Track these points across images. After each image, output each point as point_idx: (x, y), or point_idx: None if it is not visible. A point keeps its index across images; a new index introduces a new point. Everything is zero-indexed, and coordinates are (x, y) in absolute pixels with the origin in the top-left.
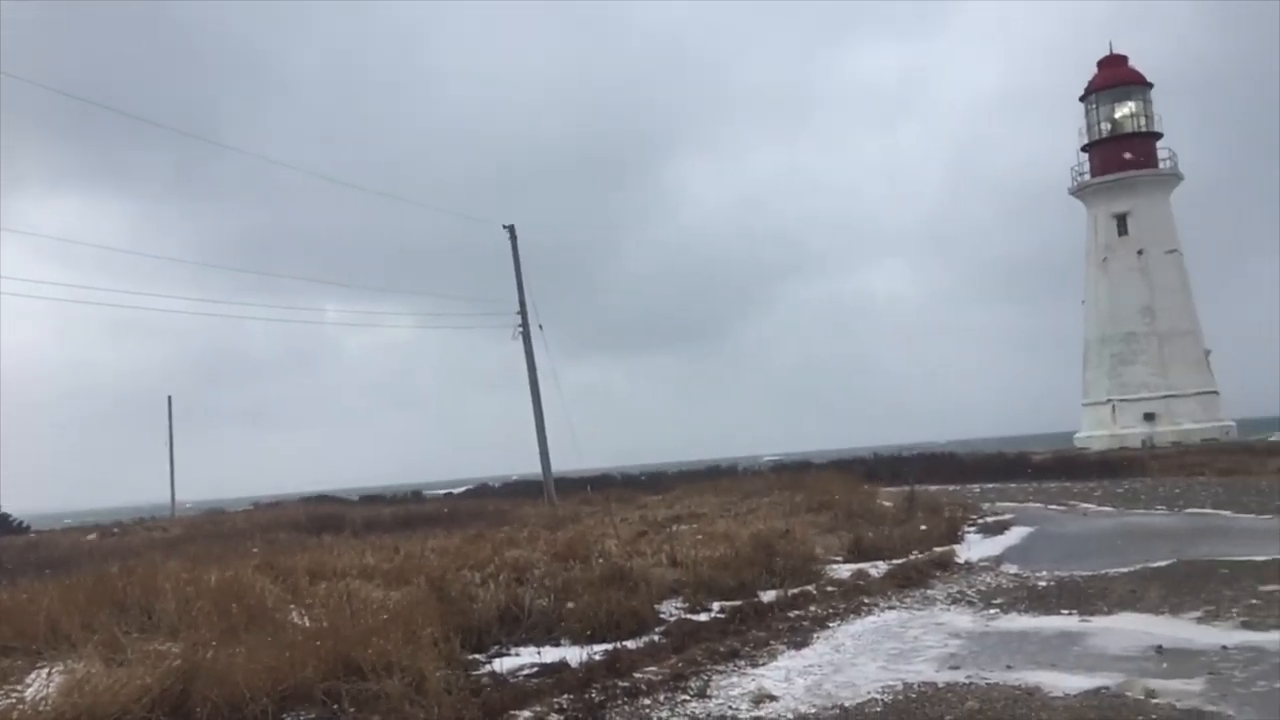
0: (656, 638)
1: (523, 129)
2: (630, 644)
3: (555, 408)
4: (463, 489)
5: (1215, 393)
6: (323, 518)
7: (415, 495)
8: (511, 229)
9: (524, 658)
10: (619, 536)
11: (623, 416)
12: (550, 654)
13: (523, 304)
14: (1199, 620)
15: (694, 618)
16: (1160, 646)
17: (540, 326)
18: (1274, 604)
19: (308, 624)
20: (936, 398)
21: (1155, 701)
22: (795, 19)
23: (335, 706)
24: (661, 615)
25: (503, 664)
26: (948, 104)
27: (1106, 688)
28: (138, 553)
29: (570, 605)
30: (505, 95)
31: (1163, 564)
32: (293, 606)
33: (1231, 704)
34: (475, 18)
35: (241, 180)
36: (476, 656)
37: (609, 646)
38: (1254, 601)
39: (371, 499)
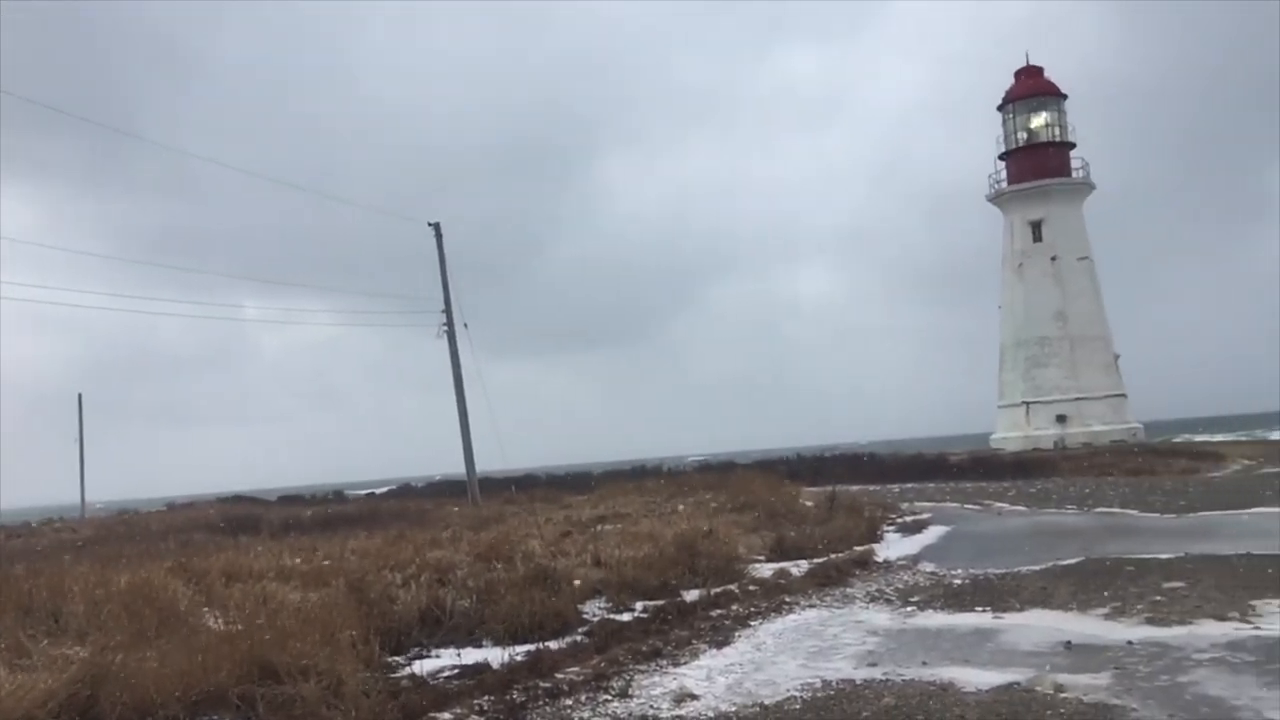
0: (579, 638)
1: (449, 126)
2: (553, 644)
3: (480, 407)
4: (385, 489)
5: (1124, 395)
6: (239, 518)
7: (336, 495)
8: (437, 227)
9: (445, 659)
10: (543, 537)
11: (548, 416)
12: (472, 655)
13: (447, 302)
14: (1106, 616)
15: (617, 618)
16: (1069, 642)
17: (465, 325)
18: (1177, 600)
19: (222, 627)
20: (860, 398)
21: (1063, 696)
22: (722, 20)
23: (249, 711)
24: (585, 615)
25: (423, 666)
26: (873, 108)
27: (1017, 683)
28: (45, 554)
29: (493, 606)
30: (431, 91)
31: (1072, 562)
32: (206, 609)
33: (1135, 698)
34: (400, 13)
35: (159, 174)
36: (396, 659)
37: (531, 647)
38: (1158, 598)
39: (291, 499)
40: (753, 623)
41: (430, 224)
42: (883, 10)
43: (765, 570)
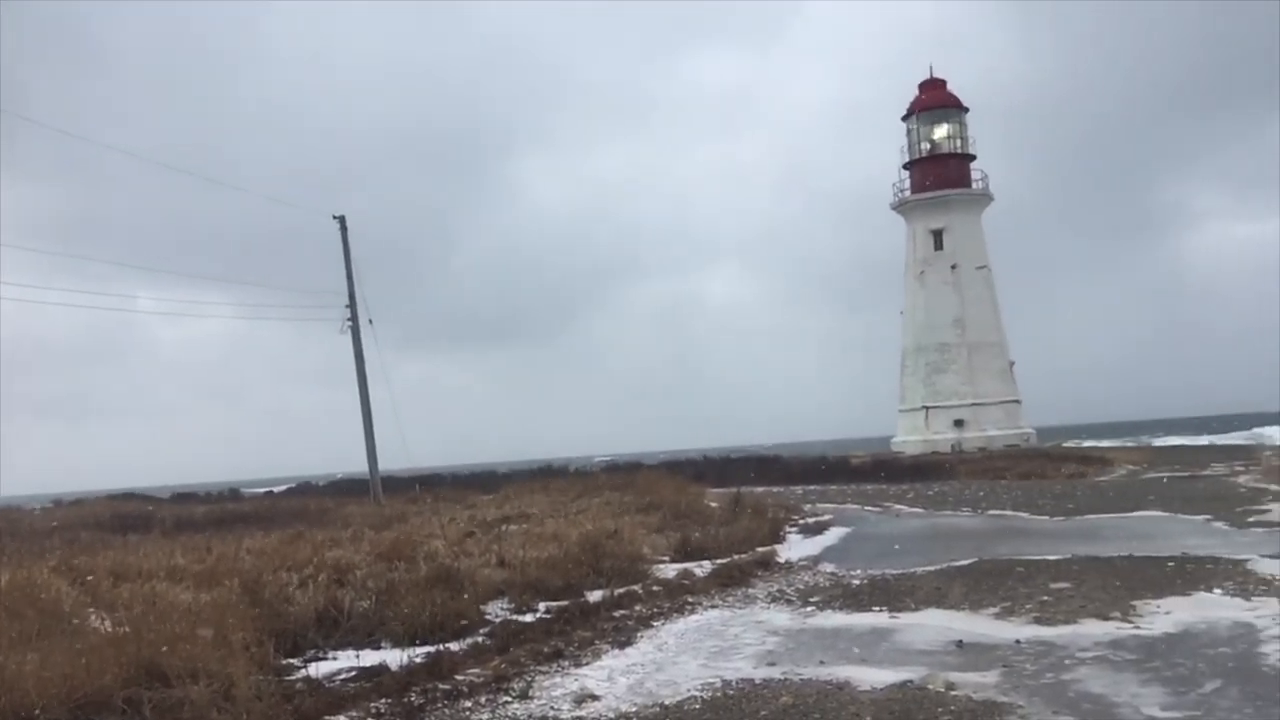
0: (481, 639)
1: (357, 116)
2: (454, 646)
3: (384, 404)
4: (284, 487)
5: (1018, 401)
6: (130, 516)
7: (232, 493)
8: (342, 220)
9: (342, 661)
10: (446, 537)
11: (455, 414)
12: (370, 657)
13: (352, 297)
14: (996, 616)
15: (520, 618)
16: (961, 641)
17: (370, 320)
18: (1063, 600)
19: (109, 628)
20: (766, 401)
21: (954, 693)
22: (636, 20)
23: (135, 715)
24: (487, 616)
25: (319, 668)
26: (784, 112)
27: (911, 681)
28: None
29: (393, 607)
30: (339, 80)
31: (966, 563)
32: (92, 610)
33: (1022, 695)
34: None
35: (50, 157)
36: (292, 661)
37: (431, 649)
38: (1045, 598)
39: (184, 497)
40: (655, 623)
41: (335, 217)
42: (795, 16)
43: (669, 571)
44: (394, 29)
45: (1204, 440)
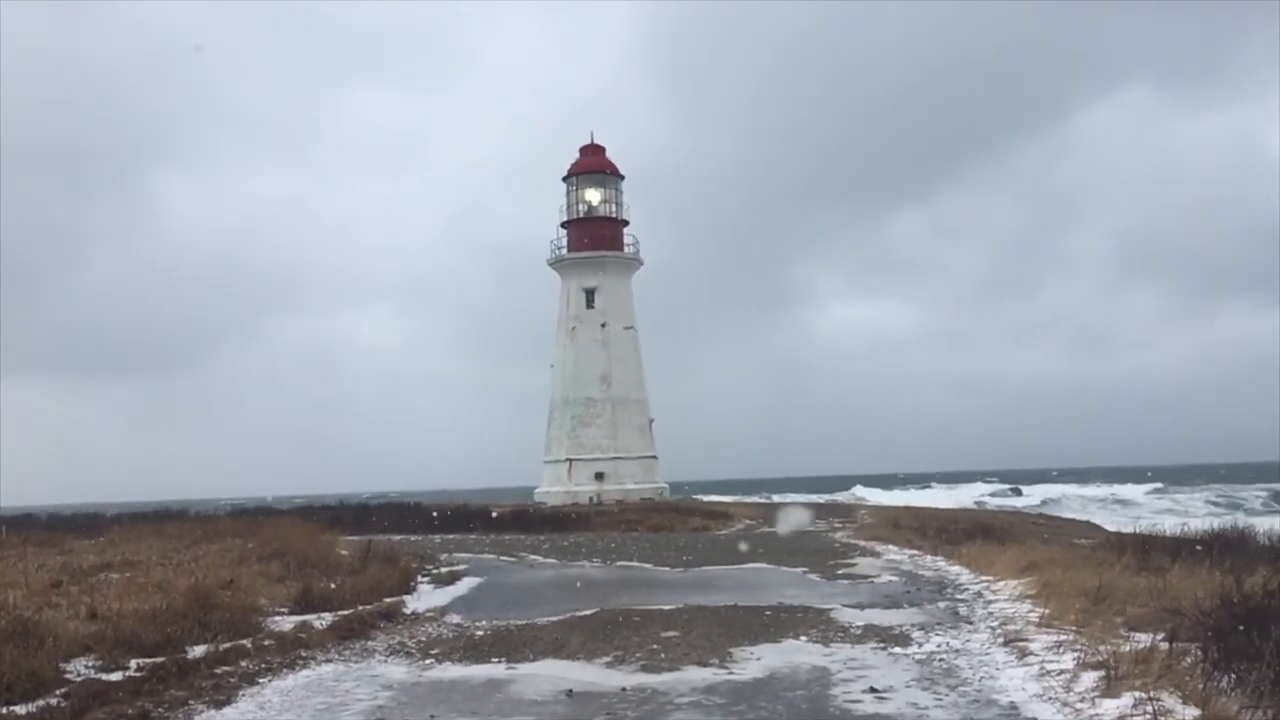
0: (55, 701)
1: None
2: (20, 709)
3: None
4: None
5: (655, 457)
6: None
7: None
8: None
9: None
10: (28, 585)
11: (62, 448)
12: None
13: None
14: (608, 665)
15: (105, 677)
16: (571, 691)
17: None
18: (670, 648)
19: None
20: (413, 447)
21: None
22: (301, 47)
23: None
24: (67, 675)
25: None
26: (449, 159)
27: None
28: None
29: None
30: None
31: (589, 613)
32: None
33: None
34: None
35: None
36: None
37: None
38: (654, 646)
39: None
40: (261, 680)
41: None
42: (467, 66)
43: (286, 623)
44: (21, 19)
45: (813, 498)
